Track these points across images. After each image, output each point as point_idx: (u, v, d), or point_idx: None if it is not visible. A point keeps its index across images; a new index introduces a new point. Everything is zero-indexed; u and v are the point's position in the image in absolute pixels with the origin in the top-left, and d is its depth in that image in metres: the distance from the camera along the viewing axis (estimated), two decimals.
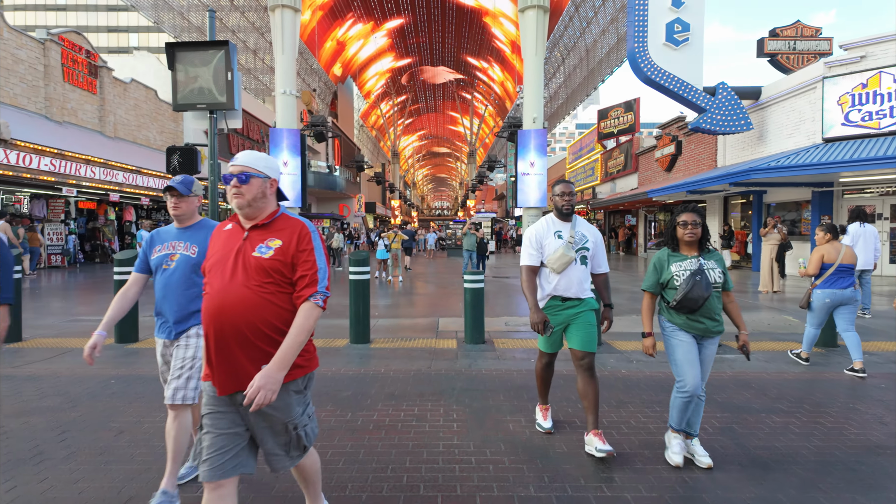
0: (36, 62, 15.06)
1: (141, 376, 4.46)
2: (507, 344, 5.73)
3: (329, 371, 4.59)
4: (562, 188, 3.06)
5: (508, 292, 10.62)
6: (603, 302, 3.13)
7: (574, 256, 2.95)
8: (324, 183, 32.33)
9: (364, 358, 5.10)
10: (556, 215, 3.09)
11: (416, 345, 5.69)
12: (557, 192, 3.07)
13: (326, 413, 3.56)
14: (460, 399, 3.85)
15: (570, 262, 2.94)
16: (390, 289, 11.43)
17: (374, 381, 4.28)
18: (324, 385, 4.19)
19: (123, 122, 18.77)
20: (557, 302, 3.01)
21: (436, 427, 3.32)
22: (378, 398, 3.87)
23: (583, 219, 3.14)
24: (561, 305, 3.01)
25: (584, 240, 3.03)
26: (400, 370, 4.61)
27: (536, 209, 23.05)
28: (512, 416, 3.50)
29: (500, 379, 4.37)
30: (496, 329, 6.56)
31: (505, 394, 3.98)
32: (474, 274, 5.77)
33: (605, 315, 3.09)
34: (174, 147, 6.48)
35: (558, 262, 2.94)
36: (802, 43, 14.76)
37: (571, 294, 2.99)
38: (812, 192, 13.08)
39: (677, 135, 19.27)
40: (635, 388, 4.16)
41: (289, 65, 22.72)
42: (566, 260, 2.93)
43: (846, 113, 11.74)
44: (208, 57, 6.18)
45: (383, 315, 7.84)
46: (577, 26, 31.76)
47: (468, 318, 5.74)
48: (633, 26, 13.81)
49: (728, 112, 13.65)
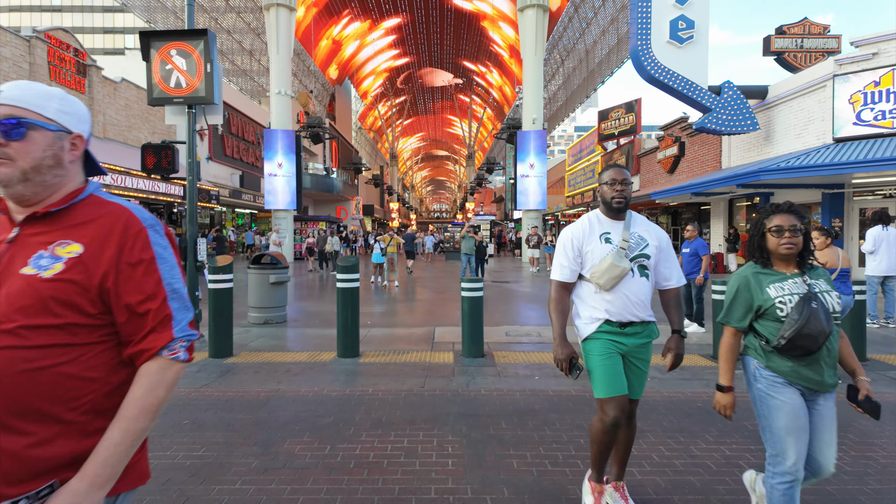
0: (21, 60, 14.61)
1: None
2: (508, 357, 5.27)
3: (311, 392, 4.12)
4: (613, 174, 2.25)
5: (508, 299, 10.16)
6: (671, 327, 2.28)
7: (629, 267, 2.17)
8: (321, 185, 31.90)
9: (351, 375, 4.63)
10: (605, 211, 2.29)
11: (409, 359, 5.23)
12: (606, 180, 2.26)
13: (302, 446, 3.09)
14: (456, 427, 3.38)
15: (624, 275, 2.16)
16: (385, 294, 10.96)
17: (359, 405, 3.82)
18: (303, 409, 3.72)
19: (113, 122, 18.31)
20: (614, 328, 2.20)
21: (427, 464, 2.85)
22: (363, 426, 3.41)
23: (641, 216, 2.34)
24: (619, 333, 2.20)
25: (642, 244, 2.23)
26: (389, 390, 4.14)
27: (536, 211, 22.70)
28: (516, 450, 3.04)
29: (502, 401, 3.90)
30: (496, 340, 6.10)
31: (507, 420, 3.51)
32: (473, 281, 5.32)
33: (673, 346, 2.21)
34: (150, 144, 6.03)
35: (606, 275, 2.16)
36: (810, 41, 14.38)
37: (632, 317, 2.20)
38: (822, 193, 12.66)
39: (680, 136, 18.87)
40: (653, 411, 3.70)
41: (284, 64, 22.34)
42: (617, 273, 2.15)
43: (858, 112, 11.33)
44: (186, 46, 5.73)
45: (376, 323, 7.38)
46: (577, 27, 31.45)
47: (466, 330, 5.28)
48: (636, 24, 13.41)
49: (734, 111, 13.25)
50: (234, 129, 26.74)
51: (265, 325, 7.15)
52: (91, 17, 58.38)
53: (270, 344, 5.98)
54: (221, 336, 5.29)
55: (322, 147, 34.58)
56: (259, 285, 7.26)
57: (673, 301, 2.30)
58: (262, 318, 7.26)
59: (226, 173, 25.83)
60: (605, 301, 2.19)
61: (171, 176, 7.37)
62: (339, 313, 5.26)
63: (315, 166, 32.65)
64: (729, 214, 17.09)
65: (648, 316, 2.23)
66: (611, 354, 2.18)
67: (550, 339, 6.18)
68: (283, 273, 7.33)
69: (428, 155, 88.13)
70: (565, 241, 2.30)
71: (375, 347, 5.76)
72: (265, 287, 7.23)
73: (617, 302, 2.18)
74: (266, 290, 7.24)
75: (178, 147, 6.09)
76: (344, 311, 5.25)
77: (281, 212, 21.56)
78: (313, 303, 9.75)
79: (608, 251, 2.20)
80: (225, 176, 25.68)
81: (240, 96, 29.07)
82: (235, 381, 4.46)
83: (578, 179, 31.37)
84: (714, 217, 17.65)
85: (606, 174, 2.28)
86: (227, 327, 5.34)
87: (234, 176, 26.80)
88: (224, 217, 28.24)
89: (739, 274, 2.06)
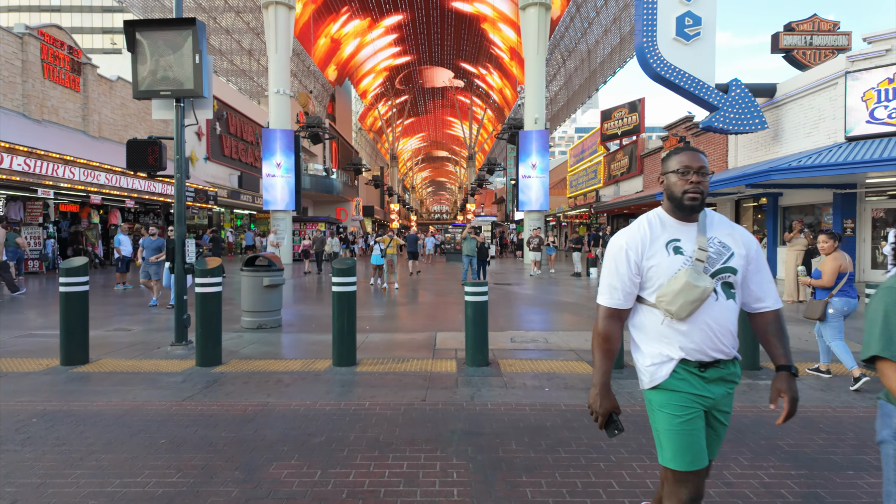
0: (13, 57, 14.31)
1: (73, 413, 3.66)
2: (515, 366, 4.95)
3: (302, 405, 3.79)
4: (685, 159, 1.65)
5: (512, 302, 9.84)
6: (774, 362, 1.66)
7: (710, 287, 1.56)
8: (320, 186, 31.62)
9: (346, 386, 4.30)
10: (671, 210, 1.68)
11: (409, 367, 4.90)
12: (676, 167, 1.65)
13: (289, 471, 2.76)
14: (461, 448, 3.05)
15: (705, 298, 1.56)
16: (385, 297, 10.64)
17: (355, 421, 3.49)
18: (292, 426, 3.40)
19: (109, 121, 18.00)
20: (691, 371, 1.60)
21: (430, 494, 2.52)
22: (358, 446, 3.08)
23: (720, 214, 1.75)
24: (699, 378, 1.60)
25: (725, 254, 1.63)
26: (388, 405, 3.81)
27: (538, 212, 22.36)
28: (529, 476, 2.71)
29: (510, 417, 3.57)
30: (501, 347, 5.78)
31: (517, 440, 3.18)
32: (477, 285, 4.99)
33: (785, 387, 1.60)
34: (135, 140, 5.71)
35: (681, 299, 1.55)
36: (819, 38, 14.07)
37: (717, 353, 1.61)
38: (833, 194, 12.34)
39: (685, 135, 18.56)
40: None
41: (282, 63, 22.03)
42: (696, 295, 1.54)
43: (871, 110, 11.01)
44: (173, 37, 5.42)
45: (375, 328, 7.05)
46: (578, 27, 31.16)
47: (469, 337, 4.96)
48: (642, 20, 13.10)
49: (741, 110, 12.93)
50: (233, 130, 26.46)
51: (259, 330, 6.82)
52: (90, 18, 58.20)
53: (262, 351, 5.66)
54: (209, 343, 4.96)
55: (322, 147, 34.29)
56: (252, 288, 6.93)
57: (772, 327, 1.67)
58: (256, 323, 6.94)
59: (224, 173, 25.53)
60: (678, 333, 1.60)
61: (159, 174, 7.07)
62: (335, 319, 4.94)
63: (315, 167, 32.37)
64: (736, 215, 16.77)
65: (735, 349, 1.65)
66: (691, 417, 1.58)
67: (558, 346, 5.87)
68: (277, 275, 7.01)
69: (428, 156, 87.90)
70: (617, 253, 1.68)
71: (373, 355, 5.44)
72: (259, 290, 6.91)
73: (696, 334, 1.58)
74: (260, 293, 6.92)
75: (166, 143, 5.77)
76: (340, 317, 4.93)
77: (279, 213, 21.24)
78: (310, 306, 9.43)
79: (680, 265, 1.60)
80: (223, 176, 25.38)
81: (239, 96, 28.79)
82: (222, 392, 4.13)
83: (580, 180, 31.06)
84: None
85: (675, 160, 1.67)
86: (216, 334, 5.02)
87: (233, 176, 26.51)
88: (222, 218, 27.93)
89: (887, 290, 1.47)
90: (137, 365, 5.00)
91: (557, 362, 5.11)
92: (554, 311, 8.79)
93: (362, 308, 8.69)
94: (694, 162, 1.63)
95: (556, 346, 5.85)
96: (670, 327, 1.61)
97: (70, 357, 4.98)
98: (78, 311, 4.99)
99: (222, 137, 25.18)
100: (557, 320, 7.90)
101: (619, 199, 23.29)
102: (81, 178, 14.37)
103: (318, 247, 16.47)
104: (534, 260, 15.92)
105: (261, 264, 7.08)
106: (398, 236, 15.52)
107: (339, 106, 43.00)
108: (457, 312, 8.40)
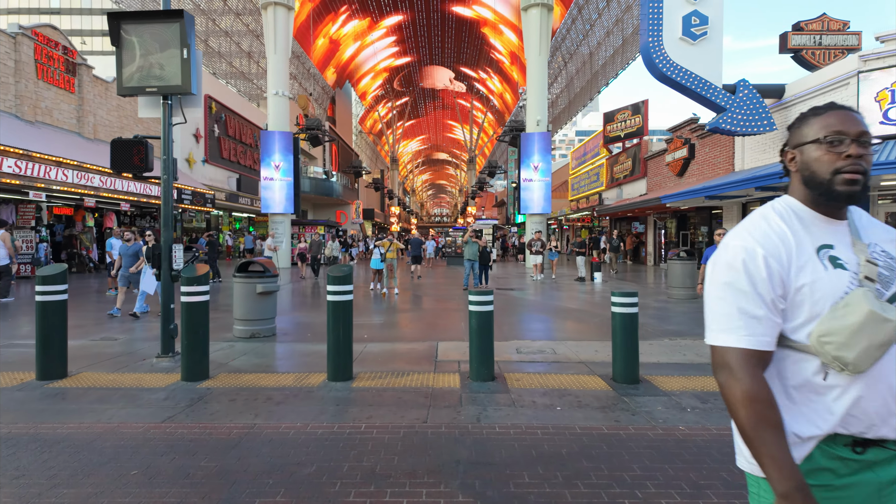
0: (6, 57, 14.04)
1: (40, 437, 3.33)
2: (523, 381, 4.61)
3: (292, 428, 3.46)
4: (835, 121, 1.09)
5: (515, 308, 9.50)
6: None
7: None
8: (320, 189, 31.35)
9: (341, 405, 3.97)
10: (812, 200, 1.13)
11: (409, 382, 4.57)
12: (823, 133, 1.09)
13: None
14: (467, 482, 2.72)
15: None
16: (384, 302, 10.31)
17: (349, 447, 3.16)
18: (280, 453, 3.07)
19: (104, 122, 17.72)
20: (843, 454, 1.05)
21: None
22: (352, 479, 2.75)
23: (861, 209, 1.19)
24: (856, 464, 1.05)
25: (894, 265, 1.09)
26: (386, 427, 3.48)
27: (540, 215, 22.03)
28: None
29: (521, 442, 3.24)
30: (506, 358, 5.45)
31: (530, 470, 2.85)
32: (482, 293, 4.67)
33: None
34: (120, 139, 5.40)
35: (863, 340, 0.99)
36: (829, 37, 13.78)
37: (887, 427, 1.04)
38: None
39: (689, 137, 18.27)
40: (707, 457, 3.03)
41: (282, 65, 21.77)
42: (886, 335, 0.99)
43: (885, 110, 10.71)
44: (160, 31, 5.12)
45: (373, 337, 6.72)
46: (580, 29, 30.94)
47: (474, 349, 4.63)
48: (647, 20, 12.82)
49: (749, 111, 12.63)
50: (232, 132, 26.20)
51: (251, 340, 6.50)
52: (90, 20, 58.05)
53: (254, 363, 5.33)
54: (195, 356, 4.63)
55: (322, 150, 34.05)
56: (245, 296, 6.61)
57: None
58: (249, 332, 6.61)
59: (222, 176, 25.25)
60: (844, 395, 1.04)
61: (150, 176, 6.77)
62: (330, 331, 4.61)
63: (315, 170, 32.12)
64: (742, 218, 16.46)
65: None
66: None
67: (567, 357, 5.54)
68: (271, 282, 6.69)
69: (428, 159, 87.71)
70: (748, 262, 1.06)
71: (371, 367, 5.11)
72: (252, 297, 6.59)
73: (871, 397, 1.03)
74: (253, 300, 6.60)
75: (152, 143, 5.46)
76: (335, 328, 4.60)
77: (278, 216, 20.95)
78: (306, 313, 9.10)
79: (847, 286, 1.04)
80: (221, 179, 25.10)
81: (238, 98, 28.55)
82: (206, 412, 3.80)
83: (582, 183, 30.76)
84: (727, 221, 17.01)
85: (817, 123, 1.11)
86: (203, 346, 4.69)
87: (231, 179, 26.23)
88: (221, 221, 27.62)
89: None
90: (118, 379, 4.67)
91: (568, 376, 4.78)
92: (559, 318, 8.46)
93: (361, 315, 8.36)
94: (851, 126, 1.07)
95: (564, 358, 5.52)
96: (833, 383, 1.04)
97: (46, 371, 4.65)
98: (55, 322, 4.67)
99: (220, 140, 24.92)
100: (564, 329, 7.57)
101: (622, 202, 22.97)
102: (75, 180, 14.08)
103: (315, 251, 16.14)
104: (535, 264, 15.60)
105: (254, 270, 6.76)
106: (399, 240, 15.21)
107: (339, 109, 42.79)
108: (458, 320, 8.07)
